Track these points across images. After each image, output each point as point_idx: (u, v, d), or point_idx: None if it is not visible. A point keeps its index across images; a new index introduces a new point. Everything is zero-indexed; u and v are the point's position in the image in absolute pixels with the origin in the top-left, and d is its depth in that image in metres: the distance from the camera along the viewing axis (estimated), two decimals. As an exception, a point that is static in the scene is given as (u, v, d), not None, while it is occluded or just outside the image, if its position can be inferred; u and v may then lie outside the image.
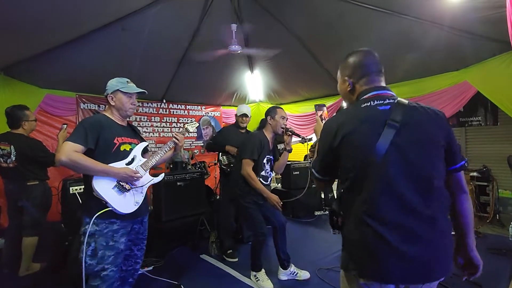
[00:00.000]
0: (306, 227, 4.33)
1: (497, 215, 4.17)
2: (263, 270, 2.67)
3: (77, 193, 2.90)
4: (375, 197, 1.02)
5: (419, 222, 0.99)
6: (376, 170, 1.01)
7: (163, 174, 1.99)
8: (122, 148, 1.79)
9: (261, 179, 2.60)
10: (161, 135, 5.67)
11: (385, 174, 1.01)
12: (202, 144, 6.32)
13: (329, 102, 4.83)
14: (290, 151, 2.70)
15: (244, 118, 3.35)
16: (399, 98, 1.11)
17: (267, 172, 2.66)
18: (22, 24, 2.70)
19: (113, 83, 1.84)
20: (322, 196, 5.19)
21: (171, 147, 1.98)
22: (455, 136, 1.12)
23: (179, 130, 2.15)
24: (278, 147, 3.02)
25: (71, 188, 2.96)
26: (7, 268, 2.85)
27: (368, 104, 1.10)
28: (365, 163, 1.03)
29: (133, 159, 1.82)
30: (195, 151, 6.06)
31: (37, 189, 2.78)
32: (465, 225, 1.13)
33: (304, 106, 5.52)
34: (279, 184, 5.38)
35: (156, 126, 5.58)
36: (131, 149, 1.83)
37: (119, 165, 1.74)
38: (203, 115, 6.34)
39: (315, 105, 1.63)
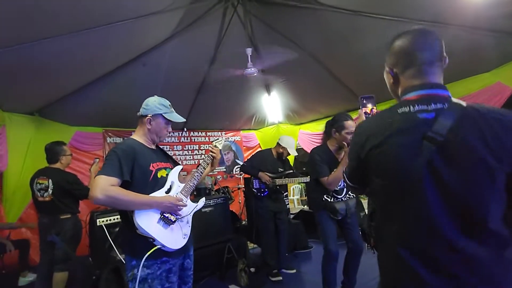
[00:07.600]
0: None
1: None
2: None
3: (104, 224, 2.90)
4: (408, 228, 0.85)
5: (460, 263, 0.80)
6: (409, 196, 0.84)
7: (203, 199, 1.79)
8: (159, 174, 1.57)
9: (334, 193, 2.44)
10: (184, 163, 5.73)
11: (420, 202, 0.82)
12: (225, 170, 6.31)
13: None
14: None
15: (284, 150, 3.43)
16: (454, 100, 0.86)
17: (339, 186, 2.46)
18: (52, 68, 2.89)
19: (156, 105, 1.63)
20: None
21: (208, 162, 1.82)
22: None
23: (209, 147, 1.96)
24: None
25: (98, 220, 2.98)
26: (38, 304, 2.86)
27: (407, 109, 0.88)
28: (395, 185, 0.86)
29: (171, 186, 1.60)
30: (218, 177, 6.04)
31: (68, 223, 2.83)
32: None
33: (324, 124, 5.40)
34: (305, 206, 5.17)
35: (179, 155, 5.67)
36: (167, 175, 1.61)
37: (159, 194, 1.52)
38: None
39: (360, 97, 1.27)
